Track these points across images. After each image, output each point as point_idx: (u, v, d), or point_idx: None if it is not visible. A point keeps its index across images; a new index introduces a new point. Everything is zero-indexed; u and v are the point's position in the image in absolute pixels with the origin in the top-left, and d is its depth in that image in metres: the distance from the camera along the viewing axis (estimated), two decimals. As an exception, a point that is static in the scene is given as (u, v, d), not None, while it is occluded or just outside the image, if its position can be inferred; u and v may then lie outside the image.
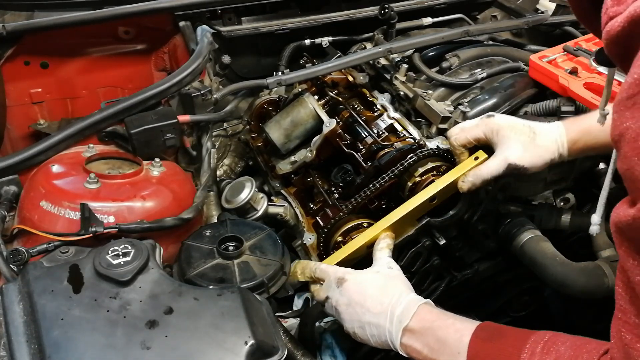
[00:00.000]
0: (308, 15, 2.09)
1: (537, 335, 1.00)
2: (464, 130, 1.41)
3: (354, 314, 1.20)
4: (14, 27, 1.83)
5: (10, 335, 1.06)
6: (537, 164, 1.34)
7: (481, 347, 1.04)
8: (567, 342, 0.97)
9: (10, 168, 1.47)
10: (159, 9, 1.95)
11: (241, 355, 1.04)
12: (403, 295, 1.18)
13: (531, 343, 0.99)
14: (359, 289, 1.22)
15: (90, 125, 1.57)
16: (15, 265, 1.22)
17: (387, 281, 1.22)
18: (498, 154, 1.35)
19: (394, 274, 1.26)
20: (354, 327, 1.21)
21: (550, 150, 1.34)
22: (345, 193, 1.61)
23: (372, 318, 1.17)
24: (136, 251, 1.19)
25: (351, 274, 1.26)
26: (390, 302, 1.17)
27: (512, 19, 2.15)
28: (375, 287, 1.21)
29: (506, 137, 1.34)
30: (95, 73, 2.09)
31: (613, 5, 0.73)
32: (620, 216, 0.75)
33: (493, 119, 1.38)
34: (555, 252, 1.43)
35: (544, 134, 1.35)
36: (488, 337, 1.05)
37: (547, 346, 0.97)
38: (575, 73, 1.68)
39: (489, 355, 1.03)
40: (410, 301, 1.16)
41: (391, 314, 1.15)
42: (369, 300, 1.19)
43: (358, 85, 1.87)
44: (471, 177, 1.35)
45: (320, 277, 1.31)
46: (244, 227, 1.46)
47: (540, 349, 0.97)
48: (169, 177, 1.53)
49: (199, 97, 1.71)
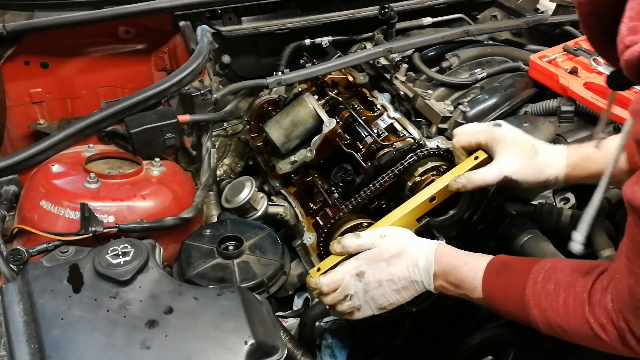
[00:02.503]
0: (308, 15, 2.09)
1: (539, 265, 1.13)
2: (468, 133, 1.41)
3: (387, 288, 1.26)
4: (14, 27, 1.83)
5: (10, 334, 1.06)
6: (530, 181, 1.36)
7: (492, 281, 1.18)
8: (566, 268, 1.09)
9: (10, 168, 1.47)
10: (159, 8, 1.95)
11: (241, 354, 1.04)
12: (415, 248, 1.27)
13: (533, 273, 1.12)
14: (381, 270, 1.26)
15: (90, 125, 1.57)
16: (15, 265, 1.22)
17: (394, 247, 1.27)
18: (495, 164, 1.36)
19: (392, 237, 1.29)
20: (388, 300, 1.27)
21: (546, 172, 1.35)
22: (345, 193, 1.61)
23: (405, 282, 1.26)
24: (136, 251, 1.19)
25: (363, 265, 1.27)
26: (411, 261, 1.25)
27: (512, 19, 2.15)
28: (391, 258, 1.26)
29: (507, 149, 1.35)
30: (95, 73, 2.09)
31: (629, 35, 0.79)
32: (635, 196, 0.88)
33: (499, 129, 1.38)
34: (555, 252, 1.43)
35: (545, 154, 1.36)
36: (497, 272, 1.18)
37: (547, 274, 1.10)
38: (575, 73, 1.68)
39: (499, 289, 1.17)
40: (428, 251, 1.26)
41: (418, 269, 1.25)
42: (394, 270, 1.25)
43: (358, 85, 1.87)
44: (464, 179, 1.35)
45: (336, 287, 1.29)
46: (244, 226, 1.46)
47: (541, 277, 1.10)
48: (169, 176, 1.53)
49: (199, 97, 1.71)
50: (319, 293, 1.30)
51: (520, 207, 1.60)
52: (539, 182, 1.37)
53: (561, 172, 1.35)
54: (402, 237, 1.30)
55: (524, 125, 1.57)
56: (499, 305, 1.18)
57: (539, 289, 1.10)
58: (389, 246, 1.27)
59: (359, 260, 1.28)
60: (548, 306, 1.08)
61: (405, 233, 1.32)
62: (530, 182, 1.36)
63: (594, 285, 1.03)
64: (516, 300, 1.13)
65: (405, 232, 1.32)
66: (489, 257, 1.22)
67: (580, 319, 1.03)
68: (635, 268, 0.92)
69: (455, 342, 1.61)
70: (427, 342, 1.63)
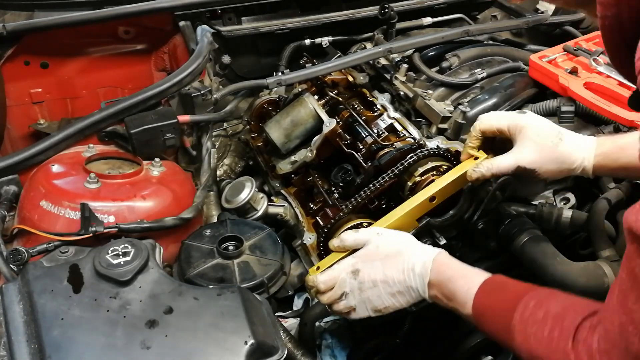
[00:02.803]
0: (308, 15, 2.10)
1: (535, 291, 1.07)
2: (491, 118, 1.39)
3: (382, 290, 1.24)
4: (14, 27, 1.83)
5: (10, 335, 1.06)
6: (552, 170, 1.32)
7: (484, 299, 1.13)
8: (561, 299, 1.03)
9: (10, 168, 1.47)
10: (159, 9, 1.95)
11: (241, 355, 1.04)
12: (412, 252, 1.24)
13: (527, 298, 1.05)
14: (376, 269, 1.24)
15: (90, 125, 1.57)
16: (15, 265, 1.22)
17: (390, 246, 1.26)
18: (511, 153, 1.34)
19: (389, 236, 1.28)
20: (384, 302, 1.25)
21: (570, 160, 1.31)
22: (345, 193, 1.61)
23: (400, 286, 1.23)
24: (136, 251, 1.19)
25: (359, 262, 1.27)
26: (407, 265, 1.23)
27: (512, 19, 2.15)
28: (386, 260, 1.24)
29: (527, 138, 1.32)
30: (95, 73, 2.09)
31: None
32: (637, 223, 0.79)
33: (523, 116, 1.35)
34: (555, 252, 1.43)
35: (570, 142, 1.32)
36: (491, 290, 1.14)
37: (540, 301, 1.04)
38: (575, 73, 1.68)
39: (489, 307, 1.12)
40: (426, 258, 1.22)
41: (413, 275, 1.22)
42: (389, 272, 1.23)
43: (358, 85, 1.87)
44: (484, 168, 1.33)
45: (333, 284, 1.29)
46: (244, 227, 1.46)
47: (534, 303, 1.04)
48: (169, 177, 1.53)
49: (199, 97, 1.71)
50: (317, 291, 1.30)
51: (521, 207, 1.60)
52: (562, 172, 1.33)
53: (589, 161, 1.31)
54: (400, 238, 1.29)
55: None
56: (486, 324, 1.13)
57: (528, 314, 1.04)
58: (385, 244, 1.26)
59: (355, 257, 1.28)
60: (532, 334, 1.02)
61: (404, 235, 1.30)
62: (552, 172, 1.32)
63: (584, 321, 0.96)
64: (504, 322, 1.07)
65: (405, 235, 1.31)
66: (487, 275, 1.18)
67: (561, 354, 0.96)
68: (629, 304, 0.83)
69: (455, 342, 1.61)
70: (427, 342, 1.63)
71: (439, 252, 1.25)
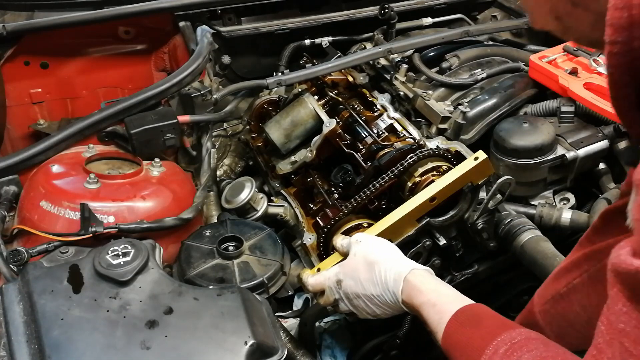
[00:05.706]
0: (308, 15, 2.10)
1: (509, 334, 0.94)
2: None
3: (364, 302, 1.22)
4: (14, 27, 1.83)
5: (10, 335, 1.06)
6: None
7: (455, 330, 1.03)
8: (534, 350, 0.89)
9: (10, 168, 1.47)
10: (159, 9, 1.95)
11: (241, 355, 1.04)
12: (386, 266, 1.19)
13: (498, 341, 0.94)
14: (355, 282, 1.22)
15: (90, 125, 1.57)
16: (15, 265, 1.22)
17: (367, 256, 1.23)
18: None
19: (366, 244, 1.25)
20: (375, 311, 1.22)
21: None
22: (345, 193, 1.61)
23: (379, 301, 1.19)
24: (136, 251, 1.19)
25: (341, 273, 1.25)
26: (381, 279, 1.18)
27: (512, 19, 2.15)
28: (362, 272, 1.21)
29: None
30: (95, 73, 2.09)
31: None
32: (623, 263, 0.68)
33: None
34: (555, 252, 1.43)
35: None
36: (464, 322, 1.03)
37: (512, 348, 0.91)
38: (575, 73, 1.68)
39: (459, 342, 1.01)
40: (396, 276, 1.17)
41: (388, 291, 1.17)
42: (366, 285, 1.20)
43: (358, 85, 1.87)
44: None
45: (320, 290, 1.30)
46: (244, 227, 1.46)
47: (504, 350, 0.92)
48: (169, 177, 1.53)
49: (199, 97, 1.71)
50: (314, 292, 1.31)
51: (521, 207, 1.60)
52: None
53: None
54: (377, 247, 1.25)
55: (524, 126, 1.57)
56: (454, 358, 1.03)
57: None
58: (362, 253, 1.24)
59: (340, 267, 1.27)
60: None
61: (382, 244, 1.26)
62: None
63: None
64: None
65: (383, 244, 1.26)
66: (464, 302, 1.07)
67: None
68: None
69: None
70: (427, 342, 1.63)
71: (412, 270, 1.16)
